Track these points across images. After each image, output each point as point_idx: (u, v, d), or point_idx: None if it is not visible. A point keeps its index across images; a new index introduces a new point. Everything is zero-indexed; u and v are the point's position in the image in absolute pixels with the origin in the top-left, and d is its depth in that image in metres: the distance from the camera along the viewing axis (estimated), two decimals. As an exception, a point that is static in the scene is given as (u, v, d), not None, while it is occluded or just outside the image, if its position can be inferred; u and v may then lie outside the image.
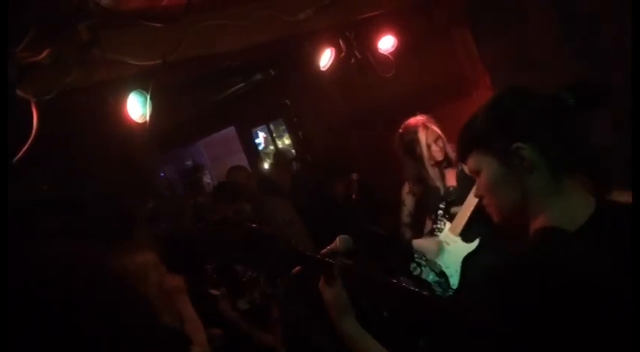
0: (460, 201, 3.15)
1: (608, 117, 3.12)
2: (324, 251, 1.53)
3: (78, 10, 1.95)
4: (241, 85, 4.66)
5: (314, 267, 1.41)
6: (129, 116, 2.68)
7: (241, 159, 6.85)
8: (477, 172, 1.23)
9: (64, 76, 2.24)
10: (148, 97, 2.62)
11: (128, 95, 2.66)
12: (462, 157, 1.27)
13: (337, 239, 1.62)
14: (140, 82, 2.64)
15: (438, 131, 3.25)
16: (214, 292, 2.94)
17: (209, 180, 7.42)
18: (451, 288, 3.02)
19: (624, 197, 1.22)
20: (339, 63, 3.63)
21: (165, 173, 6.79)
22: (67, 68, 2.18)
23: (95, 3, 2.00)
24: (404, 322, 1.47)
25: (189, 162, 7.69)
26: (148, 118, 2.64)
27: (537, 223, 1.17)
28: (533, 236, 1.18)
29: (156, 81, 2.65)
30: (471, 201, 3.06)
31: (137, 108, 2.70)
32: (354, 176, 4.06)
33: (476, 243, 3.08)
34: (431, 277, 3.09)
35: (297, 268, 1.49)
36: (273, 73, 4.30)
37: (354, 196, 4.08)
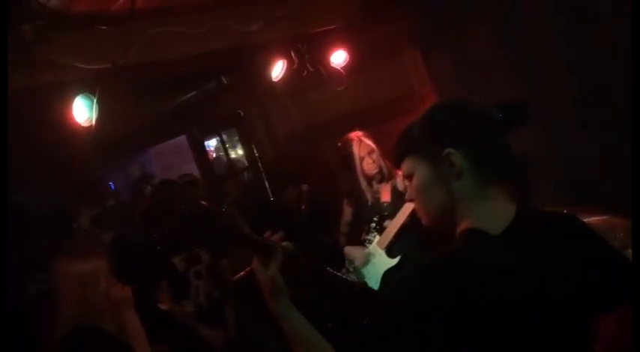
0: (393, 215, 3.26)
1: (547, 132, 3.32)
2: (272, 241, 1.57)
3: (21, 11, 1.93)
4: (193, 93, 4.65)
5: (256, 249, 1.43)
6: (74, 119, 2.64)
7: (192, 169, 6.78)
8: (409, 176, 1.30)
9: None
10: (95, 101, 2.59)
11: (75, 98, 2.63)
12: (397, 161, 1.34)
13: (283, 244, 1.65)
14: (88, 86, 2.61)
15: (372, 145, 3.37)
16: (162, 307, 2.91)
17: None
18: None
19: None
20: (291, 75, 3.69)
21: (114, 180, 6.65)
22: (11, 69, 2.15)
23: (41, 4, 1.98)
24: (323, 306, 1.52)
25: (137, 171, 7.55)
26: (94, 122, 2.61)
27: (462, 226, 1.24)
28: (457, 237, 1.25)
29: (105, 85, 2.63)
30: (400, 218, 3.20)
31: (83, 111, 2.67)
32: (304, 187, 4.12)
33: (397, 259, 3.21)
34: None
35: (246, 270, 1.51)
36: (225, 82, 4.31)
37: (303, 207, 4.13)
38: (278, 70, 3.61)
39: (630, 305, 2.11)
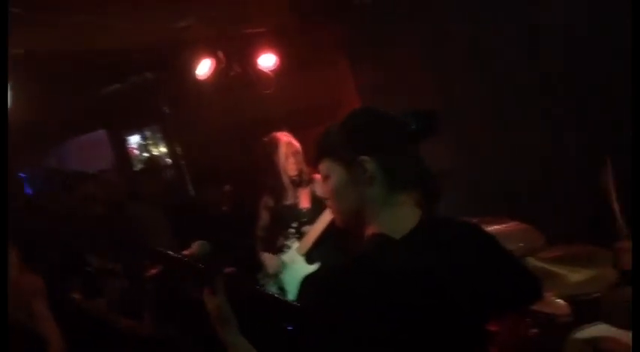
0: (312, 221, 3.30)
1: (451, 143, 3.50)
2: (179, 255, 1.56)
3: None
4: (117, 86, 4.50)
5: (178, 268, 1.42)
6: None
7: (111, 164, 6.55)
8: (326, 177, 1.35)
9: None
10: (9, 87, 2.47)
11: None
12: (315, 162, 1.39)
13: (194, 244, 1.65)
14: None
15: (298, 146, 3.39)
16: (76, 295, 2.82)
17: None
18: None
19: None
20: (218, 74, 3.68)
21: (28, 171, 6.31)
22: None
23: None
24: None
25: (53, 163, 7.20)
26: (9, 109, 2.49)
27: (369, 230, 1.31)
28: (364, 242, 1.31)
29: (20, 71, 2.51)
30: (320, 224, 3.23)
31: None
32: (227, 187, 4.10)
33: (316, 265, 3.25)
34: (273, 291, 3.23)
35: (157, 269, 1.50)
36: (150, 77, 4.22)
37: (224, 208, 4.11)
38: (204, 68, 3.58)
39: (521, 311, 2.26)
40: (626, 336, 2.06)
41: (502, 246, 1.44)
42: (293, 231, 3.39)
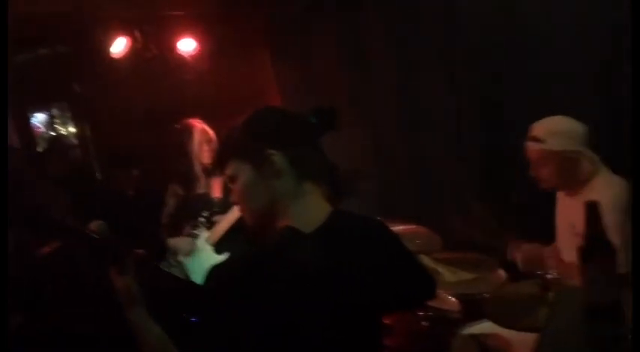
0: (224, 211, 3.27)
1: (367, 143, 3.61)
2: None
3: None
4: (23, 56, 4.22)
5: (83, 244, 1.37)
6: None
7: (12, 142, 6.15)
8: (233, 179, 1.36)
9: None
10: None
11: None
12: (221, 164, 1.39)
13: (92, 223, 1.59)
14: None
15: (213, 135, 3.33)
16: None
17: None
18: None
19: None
20: (134, 54, 3.56)
21: None
22: None
23: None
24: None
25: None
26: None
27: (280, 224, 1.32)
28: (274, 234, 1.33)
29: None
30: (233, 215, 3.18)
31: None
32: (135, 172, 3.97)
33: (224, 256, 3.20)
34: None
35: (51, 247, 1.44)
36: (61, 50, 4.00)
37: (131, 192, 3.98)
38: (120, 46, 3.45)
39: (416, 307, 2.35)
40: (507, 334, 2.20)
41: (404, 245, 1.51)
42: (203, 219, 3.33)
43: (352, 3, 3.56)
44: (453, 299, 2.60)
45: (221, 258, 3.19)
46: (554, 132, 2.23)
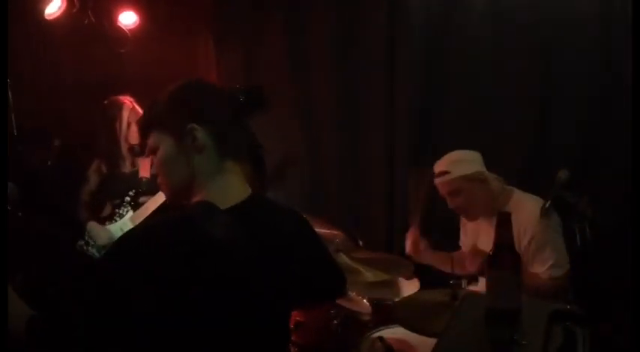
0: (150, 192, 3.19)
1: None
2: None
3: None
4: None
5: None
6: None
7: None
8: (154, 150, 1.32)
9: None
10: None
11: None
12: (143, 134, 1.35)
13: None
14: None
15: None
16: None
17: None
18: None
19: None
20: (69, 19, 3.39)
21: None
22: None
23: None
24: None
25: None
26: None
27: (196, 199, 1.28)
28: (187, 207, 1.28)
29: None
30: (160, 196, 3.13)
31: None
32: (56, 142, 3.80)
33: None
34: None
35: None
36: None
37: (49, 163, 3.80)
38: (54, 7, 3.28)
39: (325, 304, 2.38)
40: (415, 339, 2.26)
41: (320, 240, 1.50)
42: (129, 199, 3.26)
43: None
44: (365, 301, 2.64)
45: None
46: (455, 161, 2.44)
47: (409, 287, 2.63)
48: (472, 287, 2.43)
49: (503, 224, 1.35)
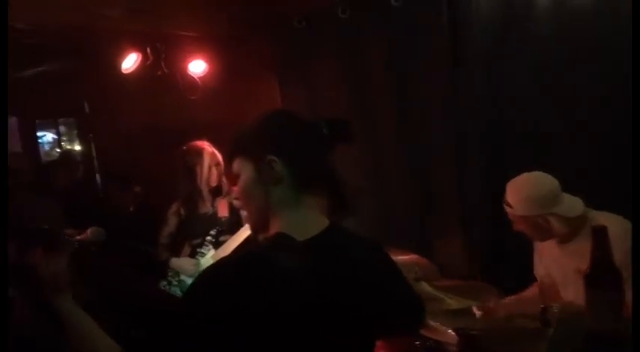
0: (230, 231, 3.26)
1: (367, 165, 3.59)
2: (63, 235, 1.48)
3: None
4: (33, 70, 4.26)
5: (45, 241, 1.34)
6: None
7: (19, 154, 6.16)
8: (237, 176, 1.34)
9: None
10: None
11: None
12: (229, 159, 1.38)
13: (89, 229, 1.57)
14: None
15: (220, 158, 3.37)
16: None
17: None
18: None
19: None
20: (144, 71, 3.59)
21: None
22: None
23: None
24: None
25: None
26: None
27: (272, 231, 1.29)
28: (264, 240, 1.30)
29: None
30: (241, 235, 3.20)
31: None
32: (136, 189, 3.97)
33: None
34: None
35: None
36: (71, 64, 4.03)
37: (132, 209, 3.97)
38: (130, 62, 3.49)
39: (407, 334, 2.31)
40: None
41: (398, 270, 1.47)
42: (210, 238, 3.35)
43: (352, 23, 3.62)
44: (451, 331, 2.55)
45: None
46: (519, 199, 2.33)
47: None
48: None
49: (600, 238, 1.26)
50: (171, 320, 1.18)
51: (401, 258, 2.80)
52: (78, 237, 1.57)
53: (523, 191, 2.35)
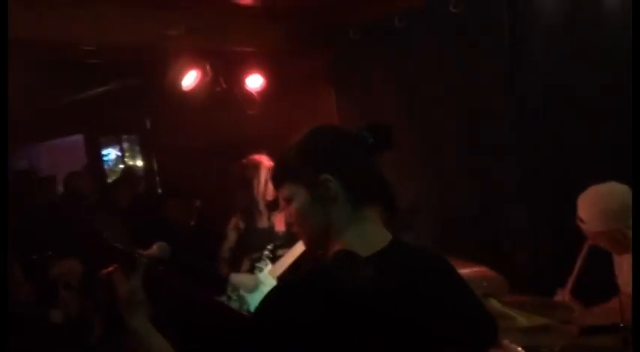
0: (287, 245, 3.25)
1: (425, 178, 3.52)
2: (138, 253, 1.50)
3: None
4: (97, 90, 4.43)
5: (121, 260, 1.36)
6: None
7: (83, 172, 6.42)
8: (288, 201, 1.32)
9: None
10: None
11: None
12: (277, 185, 1.36)
13: (155, 245, 1.59)
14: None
15: None
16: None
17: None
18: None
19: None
20: (203, 88, 3.65)
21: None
22: None
23: None
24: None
25: (24, 164, 7.03)
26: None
27: (335, 248, 1.26)
28: (329, 258, 1.27)
29: None
30: (298, 249, 3.18)
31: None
32: (197, 203, 4.03)
33: None
34: None
35: (110, 268, 1.44)
36: (134, 83, 4.16)
37: (192, 223, 4.03)
38: (190, 79, 3.55)
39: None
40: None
41: (467, 285, 1.41)
42: (267, 253, 3.35)
43: (408, 33, 3.59)
44: (520, 350, 2.44)
45: None
46: (592, 214, 2.26)
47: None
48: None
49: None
50: (242, 337, 1.16)
51: (466, 270, 2.70)
52: (143, 252, 1.59)
53: (596, 205, 2.28)
